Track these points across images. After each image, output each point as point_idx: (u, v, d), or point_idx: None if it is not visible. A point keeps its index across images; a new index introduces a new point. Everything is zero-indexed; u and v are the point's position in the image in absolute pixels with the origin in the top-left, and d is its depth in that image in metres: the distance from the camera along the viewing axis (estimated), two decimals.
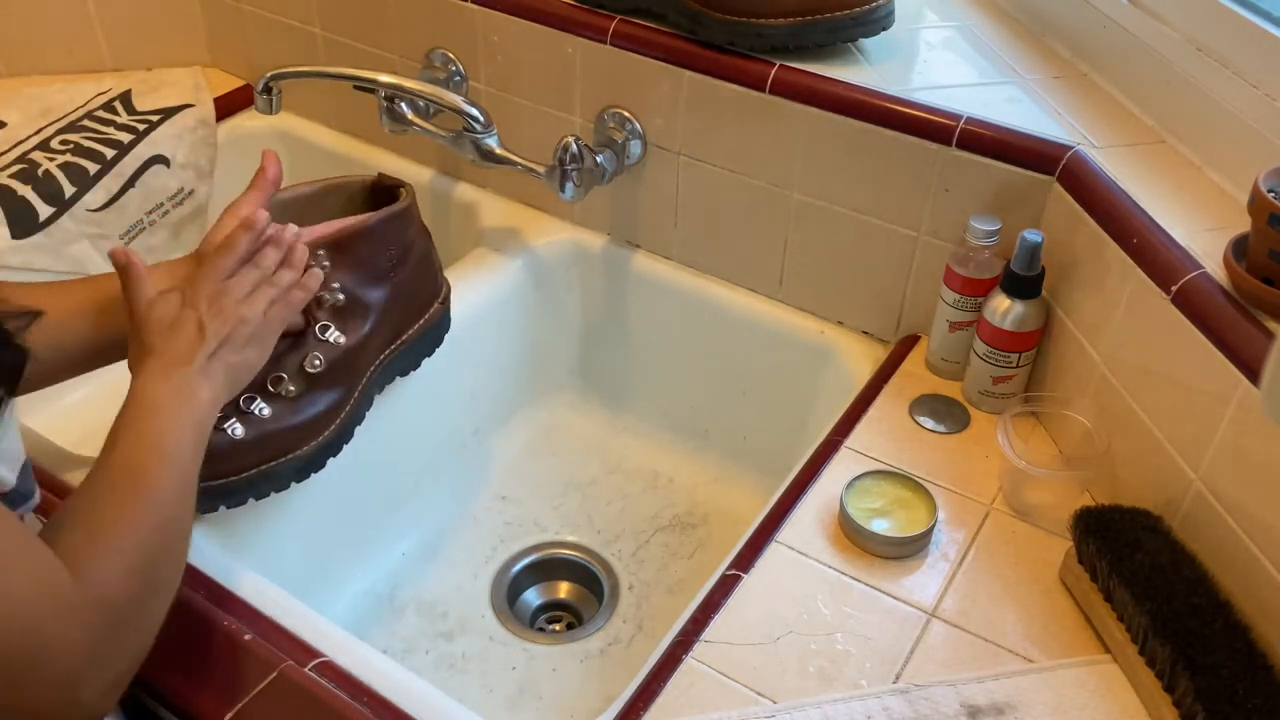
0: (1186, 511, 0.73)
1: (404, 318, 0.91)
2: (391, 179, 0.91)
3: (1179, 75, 0.84)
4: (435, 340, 0.95)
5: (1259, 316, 0.69)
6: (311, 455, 0.82)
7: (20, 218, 1.06)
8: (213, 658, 0.69)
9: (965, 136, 0.87)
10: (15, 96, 1.21)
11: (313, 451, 0.82)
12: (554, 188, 1.01)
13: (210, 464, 0.73)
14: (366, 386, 0.87)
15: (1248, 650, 0.65)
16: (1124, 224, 0.78)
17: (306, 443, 0.82)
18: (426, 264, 0.93)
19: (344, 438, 0.85)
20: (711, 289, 1.07)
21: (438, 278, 0.96)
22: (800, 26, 0.93)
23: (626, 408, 1.19)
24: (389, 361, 0.90)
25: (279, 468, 0.80)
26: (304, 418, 0.81)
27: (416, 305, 0.92)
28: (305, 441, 0.82)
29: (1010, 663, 0.71)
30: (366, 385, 0.87)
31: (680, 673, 0.70)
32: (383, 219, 0.86)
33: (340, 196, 0.90)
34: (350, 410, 0.85)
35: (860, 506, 0.80)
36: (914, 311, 0.97)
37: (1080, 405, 0.84)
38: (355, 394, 0.86)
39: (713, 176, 1.01)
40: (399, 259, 0.88)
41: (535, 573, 1.07)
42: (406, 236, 0.89)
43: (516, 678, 0.96)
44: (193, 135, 1.22)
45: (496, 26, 1.06)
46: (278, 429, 0.80)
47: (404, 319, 0.91)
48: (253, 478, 0.79)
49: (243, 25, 1.28)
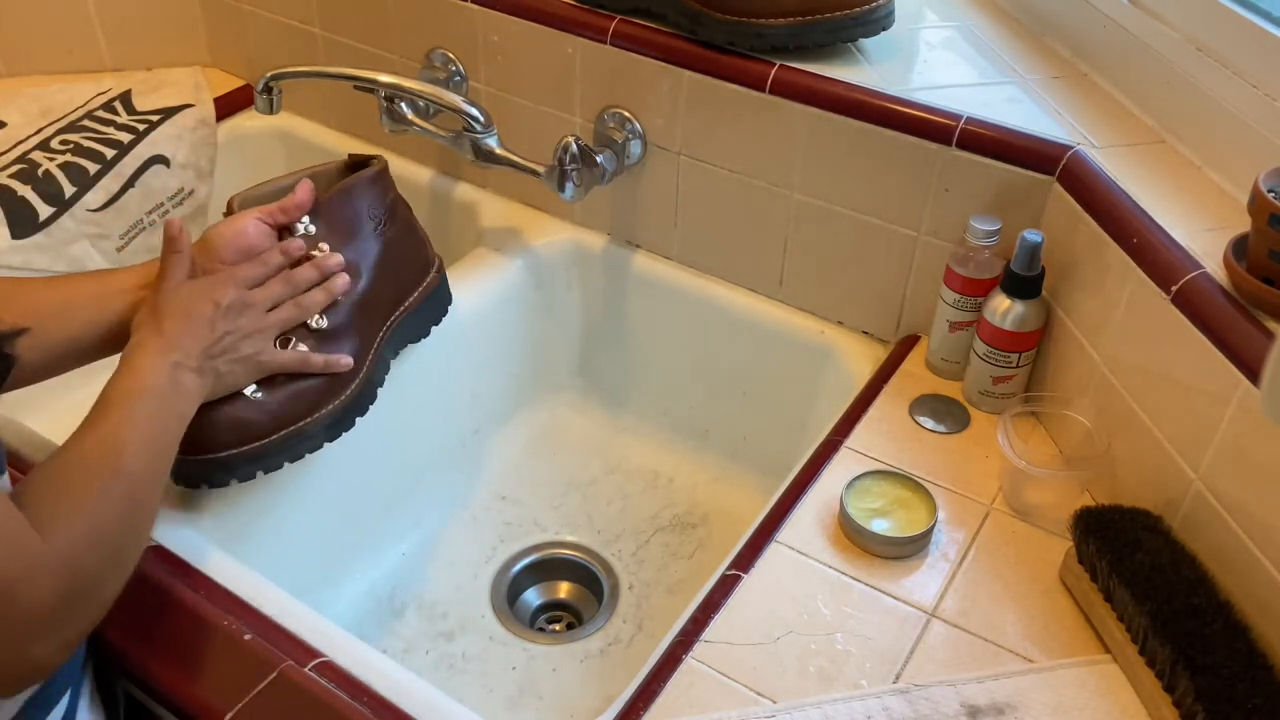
0: (1186, 511, 0.73)
1: (401, 280, 0.92)
2: (362, 155, 0.93)
3: (1179, 75, 0.84)
4: (439, 308, 0.97)
5: (1259, 316, 0.69)
6: (339, 412, 0.83)
7: (20, 218, 1.06)
8: (213, 658, 0.69)
9: (965, 136, 0.87)
10: (15, 96, 1.21)
11: (341, 408, 0.84)
12: (554, 188, 1.01)
13: (238, 430, 0.76)
14: (380, 348, 0.89)
15: (1248, 650, 0.65)
16: (1124, 224, 0.78)
17: (332, 399, 0.83)
18: (413, 230, 0.95)
19: (367, 397, 0.86)
20: (711, 289, 1.07)
21: (428, 248, 0.97)
22: (800, 26, 0.93)
23: (626, 408, 1.19)
24: (398, 324, 0.92)
25: (309, 426, 0.81)
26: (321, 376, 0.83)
27: (413, 269, 0.94)
28: (331, 398, 0.83)
29: (1010, 663, 0.71)
30: (380, 347, 0.89)
31: (680, 673, 0.70)
32: (358, 182, 0.88)
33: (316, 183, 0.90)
34: (368, 368, 0.86)
35: (860, 506, 0.80)
36: (914, 311, 0.97)
37: (1080, 405, 0.84)
38: (370, 353, 0.87)
39: (713, 176, 1.01)
40: (385, 218, 0.90)
41: (535, 573, 1.07)
42: (387, 199, 0.91)
43: (516, 678, 0.96)
44: (193, 135, 1.22)
45: (496, 26, 1.06)
46: (302, 387, 0.81)
47: (401, 281, 0.92)
48: (287, 437, 0.80)
49: (243, 25, 1.28)
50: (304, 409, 0.81)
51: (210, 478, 0.78)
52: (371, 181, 0.90)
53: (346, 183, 0.88)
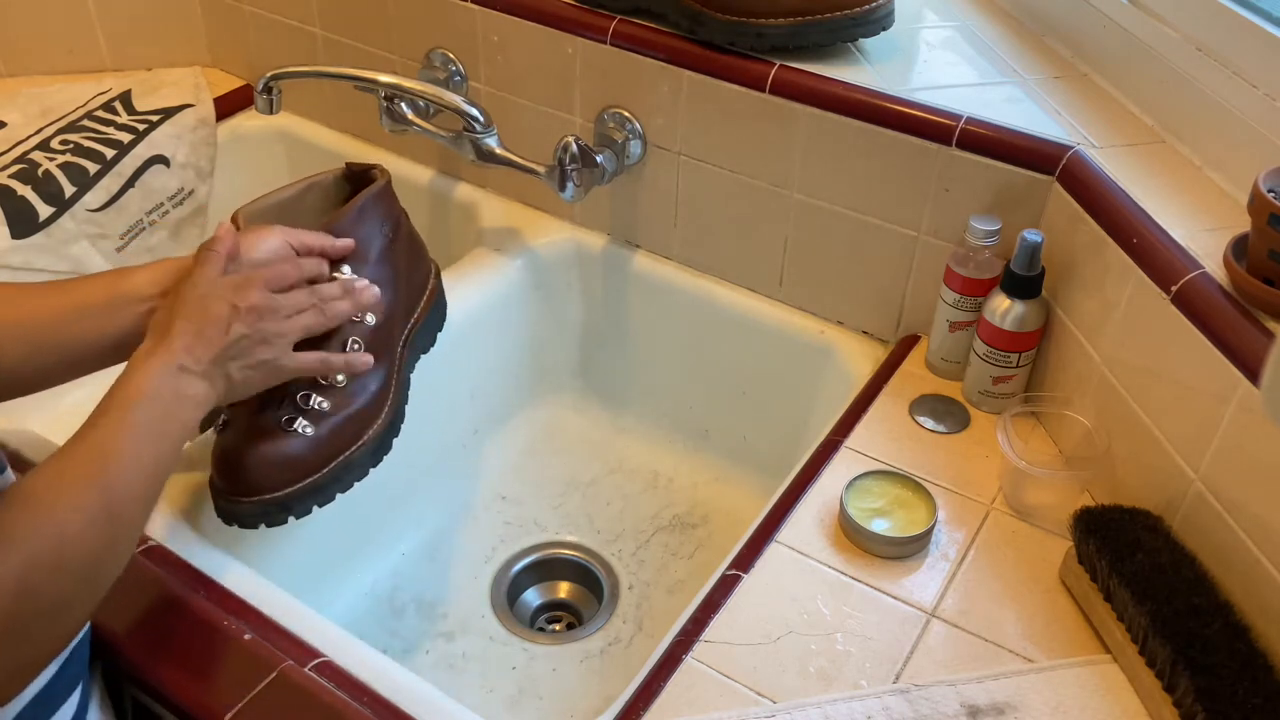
0: (1186, 511, 0.73)
1: (411, 292, 0.92)
2: (361, 165, 0.92)
3: (1179, 75, 0.84)
4: (441, 315, 0.97)
5: (1259, 316, 0.69)
6: (380, 437, 0.84)
7: (20, 218, 1.06)
8: (213, 658, 0.69)
9: (965, 136, 0.87)
10: (15, 96, 1.21)
11: (380, 432, 0.84)
12: (554, 188, 1.01)
13: (291, 468, 0.75)
14: (401, 364, 0.89)
15: (1248, 650, 0.65)
16: (1124, 224, 0.78)
17: (371, 425, 0.83)
18: (415, 238, 0.95)
19: (399, 417, 0.87)
20: (711, 289, 1.07)
21: (427, 255, 0.97)
22: (800, 26, 0.93)
23: (627, 408, 1.19)
24: (412, 338, 0.92)
25: (356, 454, 0.82)
26: (360, 403, 0.83)
27: (418, 280, 0.94)
28: (369, 424, 0.83)
29: (1010, 663, 0.71)
30: (401, 362, 0.89)
31: (680, 673, 0.70)
32: (368, 200, 0.87)
33: (317, 193, 0.90)
34: (396, 389, 0.87)
35: (860, 506, 0.80)
36: (914, 311, 0.97)
37: (1080, 405, 0.84)
38: (395, 371, 0.87)
39: (713, 176, 1.01)
40: (393, 234, 0.90)
41: (535, 573, 1.07)
42: (394, 212, 0.91)
43: (516, 678, 0.96)
44: (193, 135, 1.22)
45: (496, 26, 1.06)
46: (343, 418, 0.81)
47: (411, 293, 0.92)
48: (336, 470, 0.80)
49: (243, 25, 1.28)
50: (348, 439, 0.81)
51: (269, 518, 0.77)
52: (379, 197, 0.88)
53: (358, 202, 0.86)
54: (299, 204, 0.89)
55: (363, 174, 0.92)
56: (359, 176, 0.92)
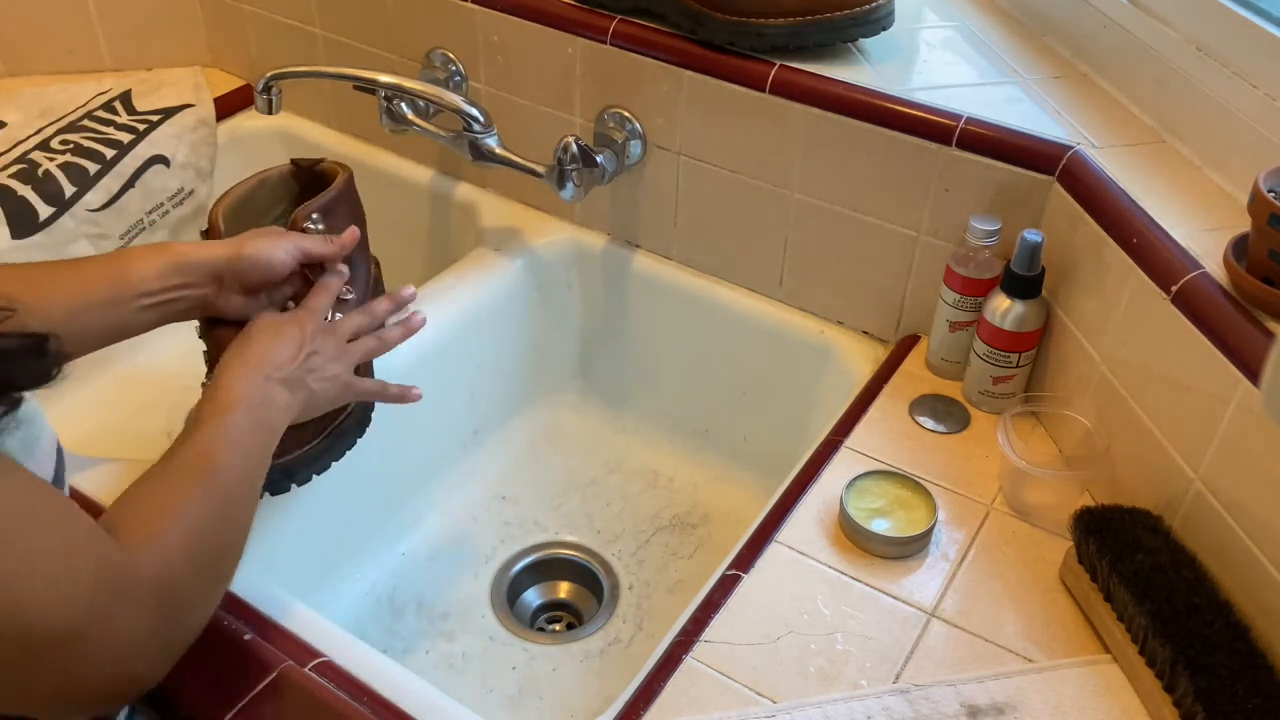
0: (1186, 511, 0.73)
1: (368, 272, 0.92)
2: (307, 159, 0.92)
3: (1179, 75, 0.84)
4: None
5: (1259, 316, 0.69)
6: (363, 407, 0.86)
7: (20, 218, 1.06)
8: (213, 658, 0.69)
9: (965, 136, 0.87)
10: (15, 96, 1.21)
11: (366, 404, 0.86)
12: (554, 188, 1.01)
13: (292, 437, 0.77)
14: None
15: (1248, 650, 0.65)
16: (1124, 224, 0.78)
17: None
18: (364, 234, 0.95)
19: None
20: (711, 289, 1.07)
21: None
22: (800, 26, 0.93)
23: (627, 408, 1.19)
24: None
25: (345, 423, 0.84)
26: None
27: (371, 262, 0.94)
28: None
29: (1010, 663, 0.71)
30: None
31: (680, 673, 0.70)
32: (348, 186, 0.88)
33: (265, 190, 0.90)
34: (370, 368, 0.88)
35: (860, 506, 0.80)
36: (914, 311, 0.97)
37: (1080, 405, 0.84)
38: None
39: (713, 176, 1.01)
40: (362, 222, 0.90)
41: (535, 573, 1.07)
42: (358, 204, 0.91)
43: (516, 678, 0.96)
44: (193, 135, 1.22)
45: (496, 26, 1.06)
46: None
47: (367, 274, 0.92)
48: (330, 437, 0.83)
49: (243, 25, 1.28)
50: (336, 410, 0.83)
51: (273, 485, 0.79)
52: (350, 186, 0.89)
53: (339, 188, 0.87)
54: (249, 202, 0.88)
55: (310, 169, 0.92)
56: (307, 172, 0.92)
